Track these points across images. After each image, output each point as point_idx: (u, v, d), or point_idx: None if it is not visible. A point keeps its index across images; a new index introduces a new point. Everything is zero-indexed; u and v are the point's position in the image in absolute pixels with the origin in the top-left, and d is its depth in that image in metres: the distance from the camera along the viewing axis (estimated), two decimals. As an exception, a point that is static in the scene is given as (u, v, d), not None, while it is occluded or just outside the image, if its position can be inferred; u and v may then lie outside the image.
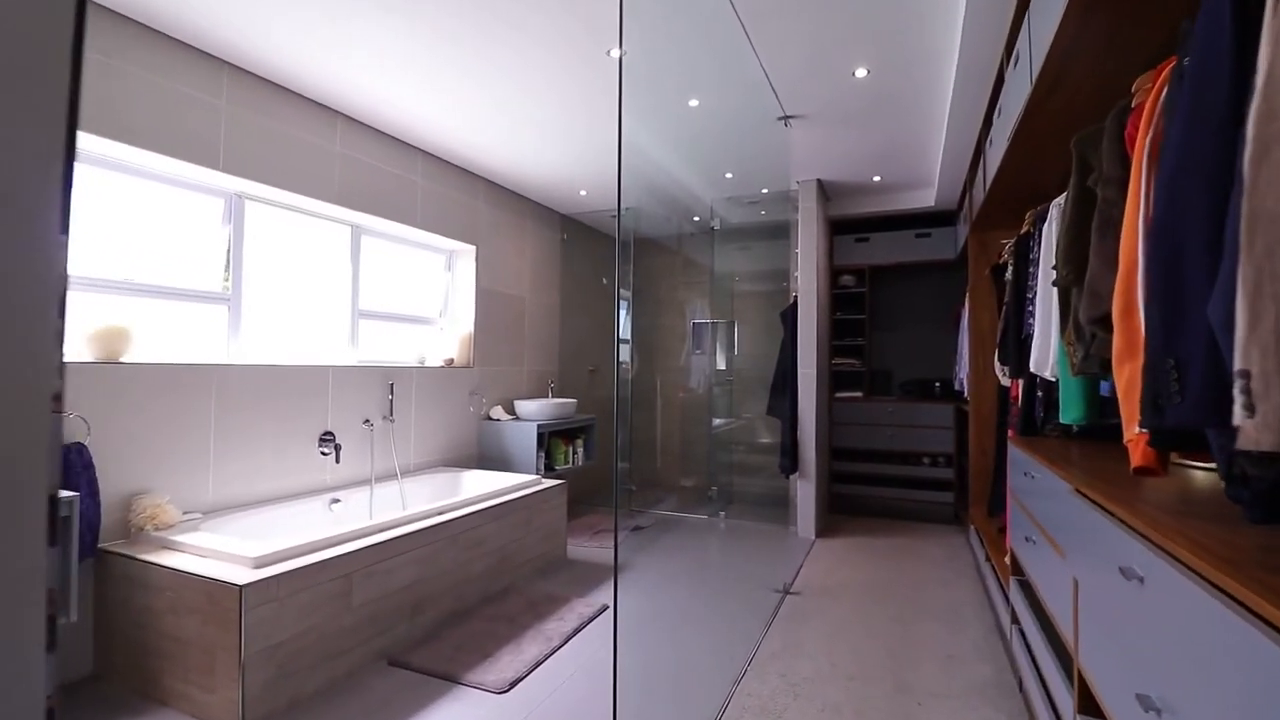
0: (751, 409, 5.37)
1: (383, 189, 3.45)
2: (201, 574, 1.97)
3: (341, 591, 2.22)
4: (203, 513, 2.57)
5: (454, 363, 4.03)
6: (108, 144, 2.32)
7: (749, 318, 5.52)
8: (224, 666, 1.91)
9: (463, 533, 2.82)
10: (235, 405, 2.71)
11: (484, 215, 4.25)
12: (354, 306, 3.46)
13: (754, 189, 4.56)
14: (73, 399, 2.19)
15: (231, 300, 2.87)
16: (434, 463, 3.81)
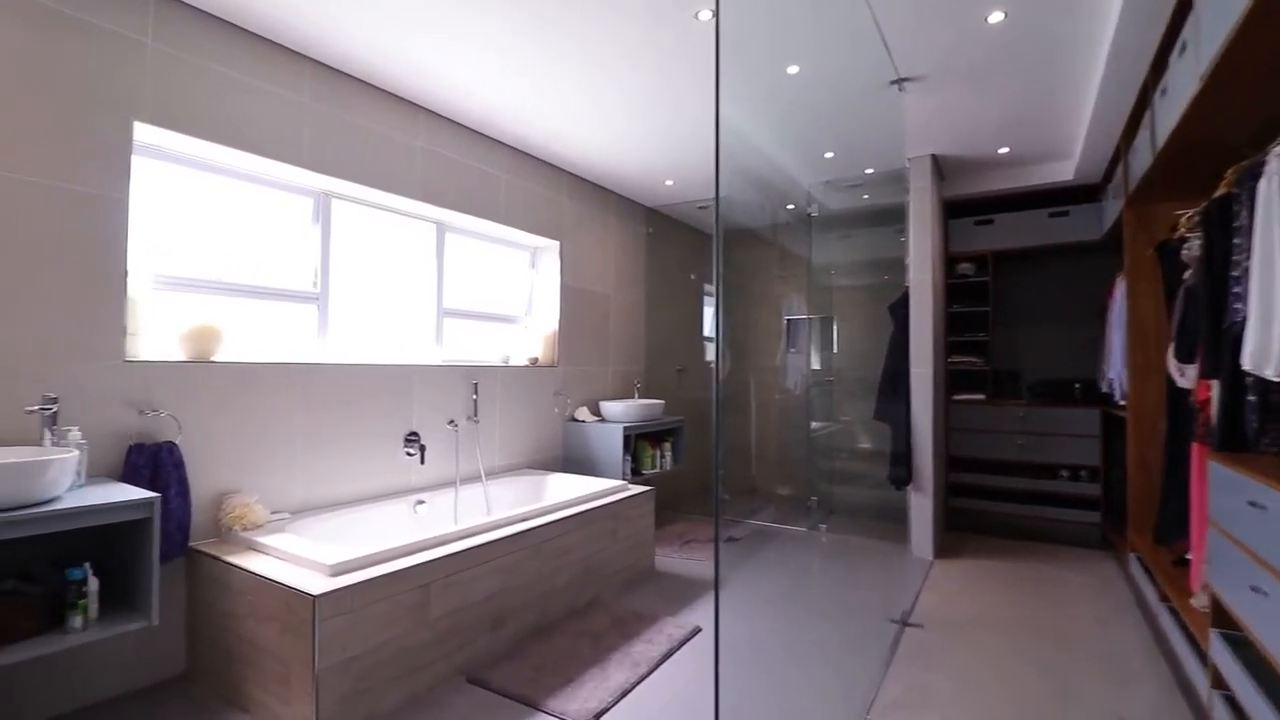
0: (853, 412, 4.93)
1: (466, 184, 3.37)
2: (278, 580, 1.90)
3: (420, 602, 2.09)
4: (291, 512, 2.55)
5: (538, 362, 3.91)
6: (197, 143, 2.33)
7: (849, 313, 5.08)
8: (299, 678, 1.82)
9: (547, 541, 2.66)
10: (323, 404, 2.69)
11: (567, 210, 4.12)
12: (439, 305, 3.41)
13: (857, 170, 4.15)
14: (164, 397, 2.20)
15: (320, 299, 2.86)
16: (518, 465, 3.70)
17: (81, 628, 1.69)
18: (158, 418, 2.17)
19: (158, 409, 2.17)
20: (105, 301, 2.07)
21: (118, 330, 2.10)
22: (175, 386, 2.22)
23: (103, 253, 2.07)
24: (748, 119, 3.26)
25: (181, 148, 2.36)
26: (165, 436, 2.18)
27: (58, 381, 1.94)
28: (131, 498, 1.76)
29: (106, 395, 2.06)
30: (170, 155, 2.38)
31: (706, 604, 2.96)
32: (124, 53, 2.11)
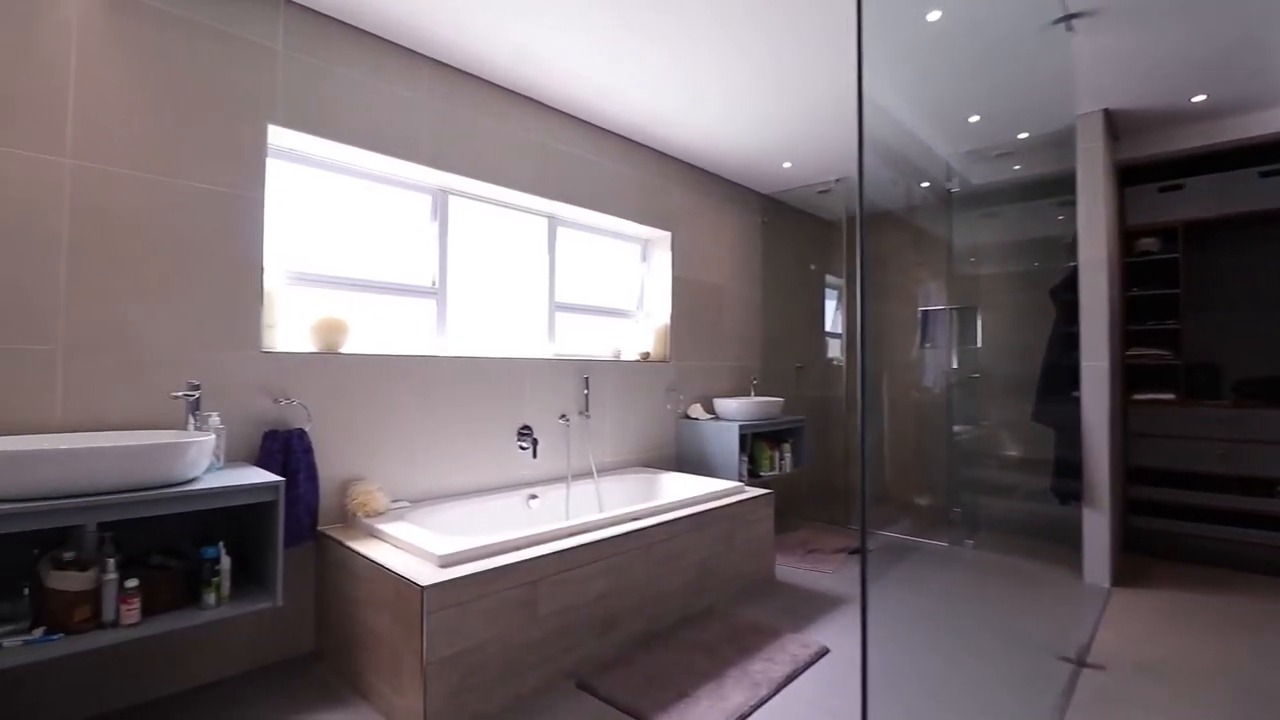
0: (1002, 413, 4.36)
1: (576, 176, 3.32)
2: (390, 568, 1.90)
3: (527, 600, 2.02)
4: (411, 501, 2.59)
5: (650, 357, 3.79)
6: (324, 144, 2.43)
7: (997, 301, 4.50)
8: (409, 669, 1.80)
9: (659, 542, 2.51)
10: (441, 396, 2.72)
11: (678, 200, 3.96)
12: (550, 299, 3.38)
13: (1007, 135, 3.63)
14: (296, 386, 2.30)
15: (438, 294, 2.91)
16: (630, 462, 3.59)
17: (215, 604, 1.76)
18: (290, 405, 2.27)
19: (290, 397, 2.27)
20: (244, 295, 2.19)
21: (255, 322, 2.22)
22: (306, 376, 2.32)
23: (241, 249, 2.19)
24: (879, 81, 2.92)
25: (309, 149, 2.47)
26: (296, 424, 2.27)
27: (201, 370, 2.08)
28: (259, 481, 1.82)
29: (245, 383, 2.18)
30: (299, 157, 2.50)
31: (834, 622, 2.67)
32: (258, 60, 2.23)
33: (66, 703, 1.82)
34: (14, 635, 1.51)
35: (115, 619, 1.60)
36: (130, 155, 1.96)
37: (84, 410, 1.86)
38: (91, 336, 1.88)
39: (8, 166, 1.76)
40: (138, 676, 1.94)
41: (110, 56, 1.93)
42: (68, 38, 1.85)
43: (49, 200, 1.82)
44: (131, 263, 1.96)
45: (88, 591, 1.57)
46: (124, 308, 1.94)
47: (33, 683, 1.77)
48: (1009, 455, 4.33)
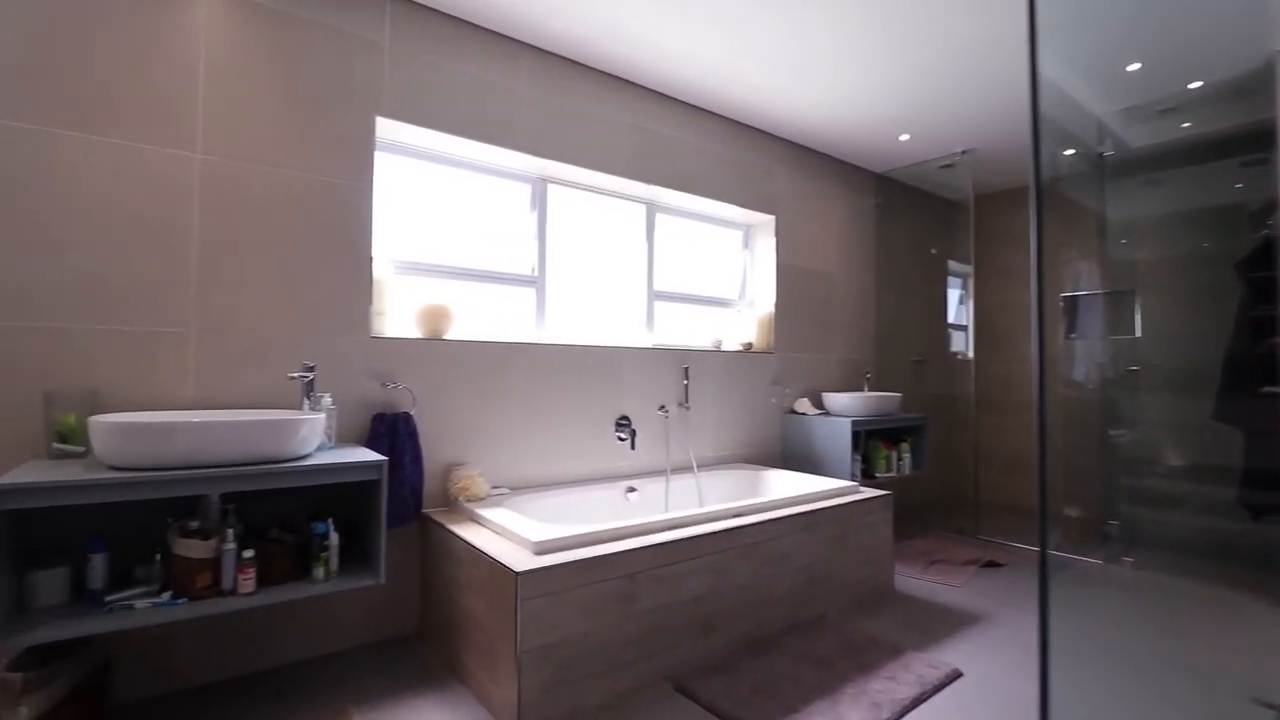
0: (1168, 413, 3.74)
1: (675, 159, 3.21)
2: (487, 552, 1.86)
3: (624, 594, 1.92)
4: (510, 488, 2.58)
5: (753, 348, 3.60)
6: (427, 134, 2.47)
7: (1160, 282, 3.88)
8: (504, 657, 1.75)
9: (763, 541, 2.33)
10: (540, 384, 2.70)
11: (783, 182, 3.74)
12: (649, 287, 3.28)
13: (1175, 86, 3.11)
14: (402, 371, 2.34)
15: (537, 283, 2.90)
16: (732, 458, 3.42)
17: (323, 579, 1.80)
18: (396, 390, 2.32)
19: (397, 381, 2.32)
20: (355, 282, 2.26)
21: (365, 309, 2.28)
22: (412, 361, 2.36)
23: (352, 238, 2.26)
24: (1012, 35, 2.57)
25: (413, 140, 2.53)
26: (403, 408, 2.32)
27: (315, 354, 2.16)
28: (364, 459, 1.84)
29: (355, 367, 2.24)
30: (403, 149, 2.56)
31: (967, 642, 2.36)
32: (366, 54, 2.30)
33: (192, 667, 1.93)
34: (145, 597, 1.60)
35: (233, 587, 1.67)
36: (251, 149, 2.07)
37: (212, 389, 1.98)
38: (219, 320, 2.00)
39: (148, 163, 1.90)
40: (255, 646, 2.03)
41: (233, 56, 2.05)
42: (197, 41, 1.98)
43: (182, 193, 1.95)
44: (254, 251, 2.07)
45: (209, 560, 1.65)
46: (247, 294, 2.05)
47: (166, 644, 1.89)
48: (1178, 462, 3.72)
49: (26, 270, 1.73)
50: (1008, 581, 3.07)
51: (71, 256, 1.79)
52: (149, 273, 1.90)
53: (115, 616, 1.54)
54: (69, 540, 1.67)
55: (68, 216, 1.79)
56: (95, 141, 1.83)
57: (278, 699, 1.86)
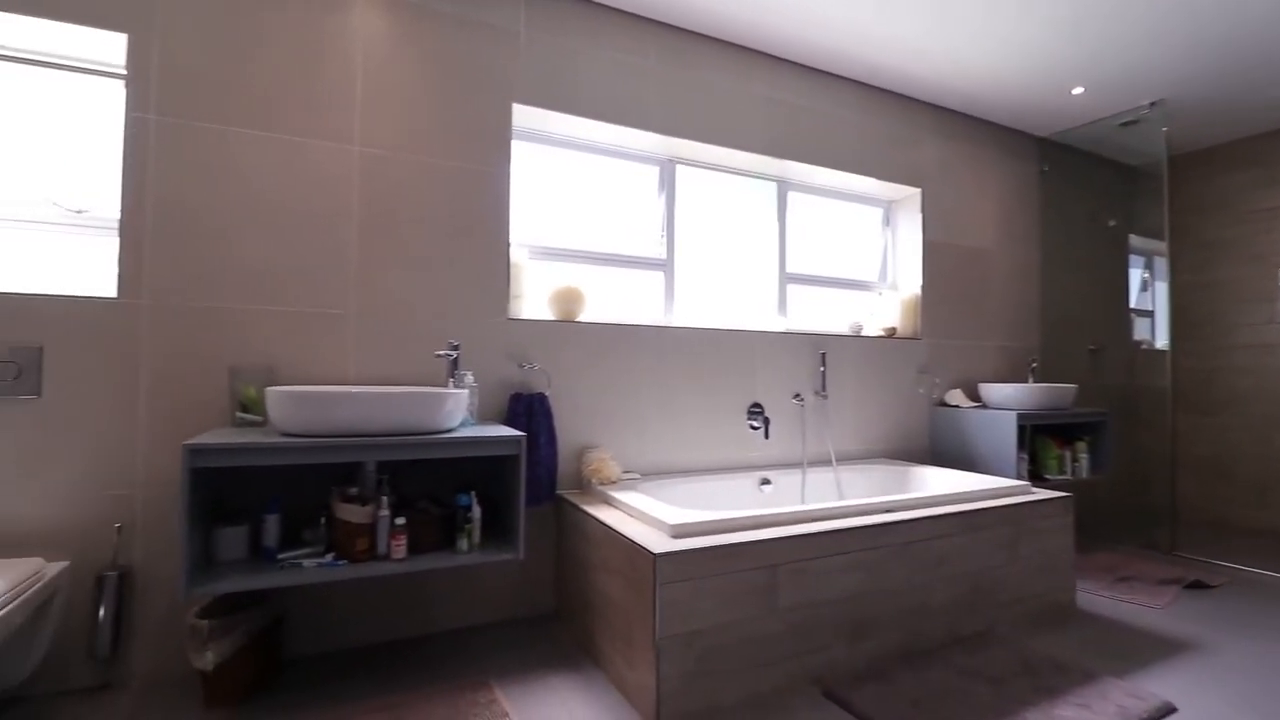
0: None
1: (809, 131, 3.01)
2: (623, 533, 1.81)
3: (766, 586, 1.78)
4: (641, 474, 2.53)
5: (896, 333, 3.30)
6: (560, 118, 2.48)
7: None
8: (641, 641, 1.68)
9: (919, 541, 2.09)
10: (671, 369, 2.63)
11: (930, 151, 3.40)
12: (781, 269, 3.11)
13: None
14: (537, 353, 2.36)
15: (666, 266, 2.83)
16: (874, 452, 3.15)
17: (467, 550, 1.84)
18: (532, 370, 2.35)
19: (532, 363, 2.34)
20: (493, 266, 2.31)
21: (503, 291, 2.33)
22: (546, 343, 2.38)
23: (491, 223, 2.31)
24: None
25: (545, 126, 2.55)
26: (538, 388, 2.34)
27: (458, 334, 2.22)
28: (504, 434, 1.86)
29: (493, 348, 2.29)
30: (537, 136, 2.59)
31: (1177, 673, 1.97)
32: (503, 43, 2.34)
33: (349, 628, 2.05)
34: (312, 557, 1.71)
35: (387, 552, 1.74)
36: (401, 140, 2.17)
37: (369, 366, 2.10)
38: (374, 302, 2.12)
39: (316, 156, 2.05)
40: (403, 613, 2.12)
41: (384, 53, 2.16)
42: (354, 41, 2.11)
43: (343, 184, 2.09)
44: (404, 237, 2.17)
45: (366, 525, 1.73)
46: (398, 277, 2.16)
47: (327, 605, 2.02)
48: None
49: (213, 256, 1.92)
50: (1220, 605, 2.56)
51: (250, 244, 1.97)
52: (315, 258, 2.04)
53: (287, 573, 1.65)
54: (248, 502, 1.83)
55: (247, 207, 1.97)
56: (267, 138, 1.99)
57: (424, 665, 1.93)
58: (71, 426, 1.76)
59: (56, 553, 1.73)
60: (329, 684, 1.80)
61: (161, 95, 1.88)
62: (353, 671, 1.88)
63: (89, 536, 1.76)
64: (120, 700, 1.70)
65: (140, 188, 1.85)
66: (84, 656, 1.74)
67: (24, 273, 1.89)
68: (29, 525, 1.71)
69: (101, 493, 1.78)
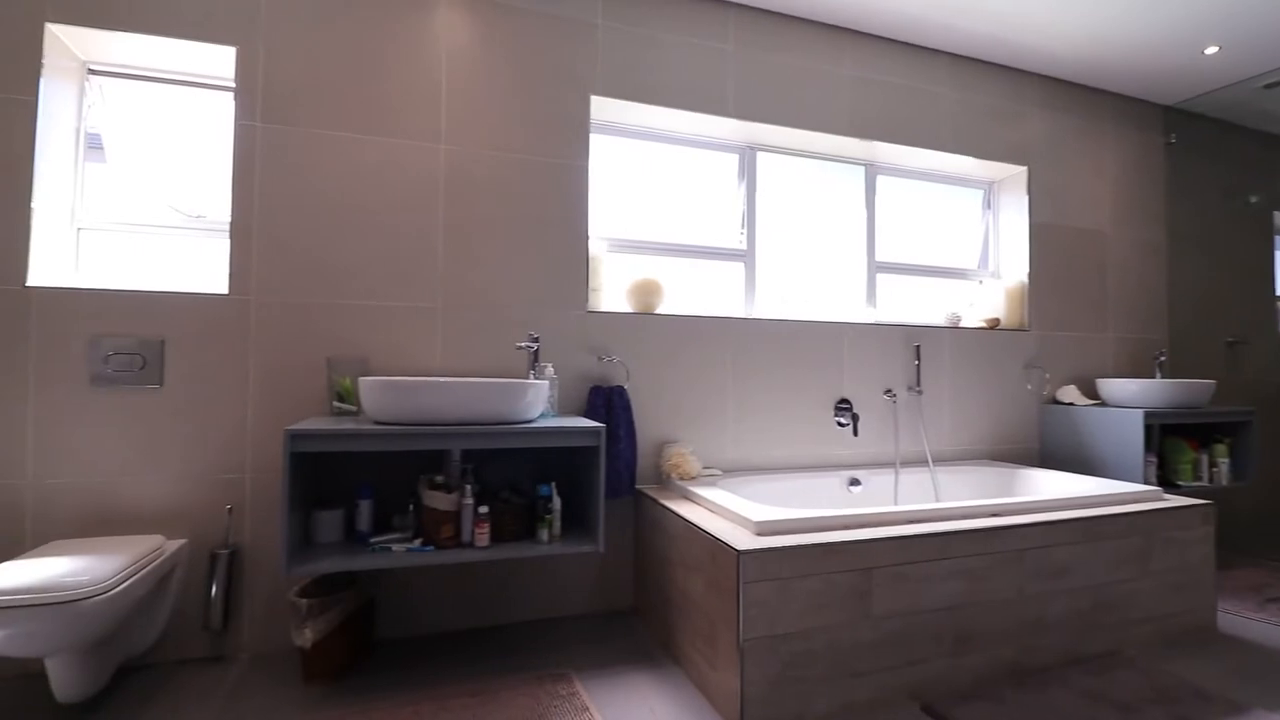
0: None
1: (899, 110, 2.83)
2: (705, 529, 1.74)
3: (859, 590, 1.67)
4: (722, 470, 2.46)
5: (1000, 325, 3.05)
6: (636, 108, 2.45)
7: None
8: (724, 642, 1.61)
9: (1032, 549, 1.90)
10: (752, 362, 2.54)
11: (1036, 125, 3.13)
12: (870, 258, 2.94)
13: None
14: (616, 346, 2.34)
15: (746, 256, 2.74)
16: (975, 453, 2.92)
17: (547, 541, 1.83)
18: (611, 363, 2.32)
19: (611, 355, 2.32)
20: (573, 259, 2.31)
21: (582, 284, 2.32)
22: (624, 336, 2.36)
23: (570, 216, 2.31)
24: None
25: (623, 118, 2.52)
26: (616, 381, 2.31)
27: (539, 326, 2.23)
28: (584, 425, 1.84)
29: (573, 341, 2.29)
30: (614, 129, 2.57)
31: (1358, 712, 1.69)
32: (580, 35, 2.34)
33: (434, 614, 2.09)
34: (401, 542, 1.75)
35: (471, 540, 1.76)
36: (483, 137, 2.21)
37: (455, 358, 2.15)
38: (460, 296, 2.16)
39: (406, 155, 2.12)
40: (486, 602, 2.14)
41: (468, 50, 2.20)
42: (438, 42, 2.17)
43: (430, 181, 2.14)
44: (486, 232, 2.21)
45: (451, 512, 1.76)
46: (482, 271, 2.19)
47: (415, 590, 2.07)
48: None
49: (312, 254, 2.02)
50: None
51: (345, 241, 2.05)
52: (404, 254, 2.11)
53: (378, 556, 1.70)
54: (343, 488, 1.90)
55: (342, 207, 2.05)
56: (359, 140, 2.07)
57: (506, 653, 1.94)
58: (189, 414, 1.89)
59: (176, 531, 1.86)
60: (416, 667, 1.84)
61: (265, 104, 1.99)
62: (438, 656, 1.91)
63: (204, 517, 1.89)
64: (230, 672, 1.81)
65: (248, 191, 1.97)
66: (199, 629, 1.86)
67: (150, 273, 2.05)
68: (152, 505, 1.86)
69: (215, 476, 1.91)
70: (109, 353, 1.83)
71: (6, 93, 1.79)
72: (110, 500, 1.83)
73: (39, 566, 1.45)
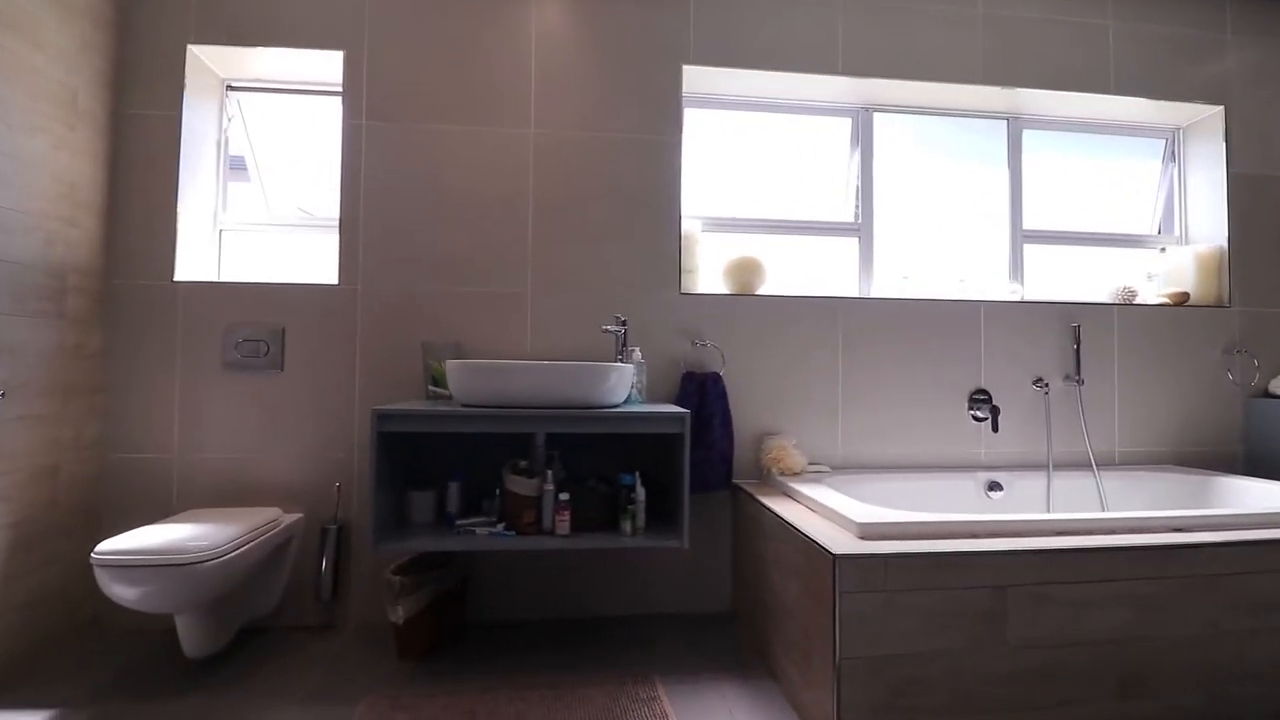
0: None
1: (1049, 49, 2.41)
2: (801, 529, 1.55)
3: (991, 611, 1.40)
4: (831, 467, 2.22)
5: (1187, 301, 2.50)
6: (734, 75, 2.28)
7: None
8: (820, 658, 1.41)
9: (1229, 575, 1.50)
10: (867, 348, 2.28)
11: (1235, 56, 2.52)
12: (1014, 226, 2.54)
13: None
14: (711, 329, 2.19)
15: (861, 230, 2.47)
16: (1156, 456, 2.42)
17: (630, 533, 1.74)
18: (706, 348, 2.19)
19: (706, 340, 2.18)
20: (664, 238, 2.20)
21: (674, 264, 2.20)
22: (721, 319, 2.21)
23: (662, 194, 2.20)
24: None
25: (719, 87, 2.37)
26: (712, 367, 2.17)
27: (627, 309, 2.15)
28: (666, 410, 1.73)
29: (665, 324, 2.18)
30: (711, 101, 2.42)
31: None
32: (669, 4, 2.22)
33: (525, 601, 2.07)
34: (485, 526, 1.74)
35: (551, 527, 1.71)
36: (572, 118, 2.16)
37: (544, 341, 2.12)
38: (550, 280, 2.13)
39: (500, 143, 2.12)
40: (578, 592, 2.09)
41: (555, 30, 2.16)
42: (528, 24, 2.15)
43: (520, 167, 2.13)
44: (576, 214, 2.16)
45: (533, 498, 1.71)
46: (571, 255, 2.15)
47: (507, 576, 2.06)
48: None
49: (412, 243, 2.08)
50: None
51: (441, 231, 2.09)
52: (496, 240, 2.12)
53: (461, 538, 1.70)
54: (438, 471, 1.93)
55: (438, 198, 2.10)
56: (454, 131, 2.11)
57: (591, 647, 1.87)
58: (305, 396, 2.03)
59: (294, 505, 2.00)
60: (502, 653, 1.83)
61: (370, 103, 2.08)
62: (524, 644, 1.89)
63: (318, 493, 2.01)
64: (335, 640, 1.91)
65: (355, 187, 2.07)
66: (313, 599, 1.98)
67: (274, 267, 2.23)
68: (275, 480, 2.01)
69: (327, 455, 2.02)
70: (239, 339, 2.00)
71: (157, 109, 2.02)
72: (240, 474, 2.00)
73: (169, 531, 1.60)
